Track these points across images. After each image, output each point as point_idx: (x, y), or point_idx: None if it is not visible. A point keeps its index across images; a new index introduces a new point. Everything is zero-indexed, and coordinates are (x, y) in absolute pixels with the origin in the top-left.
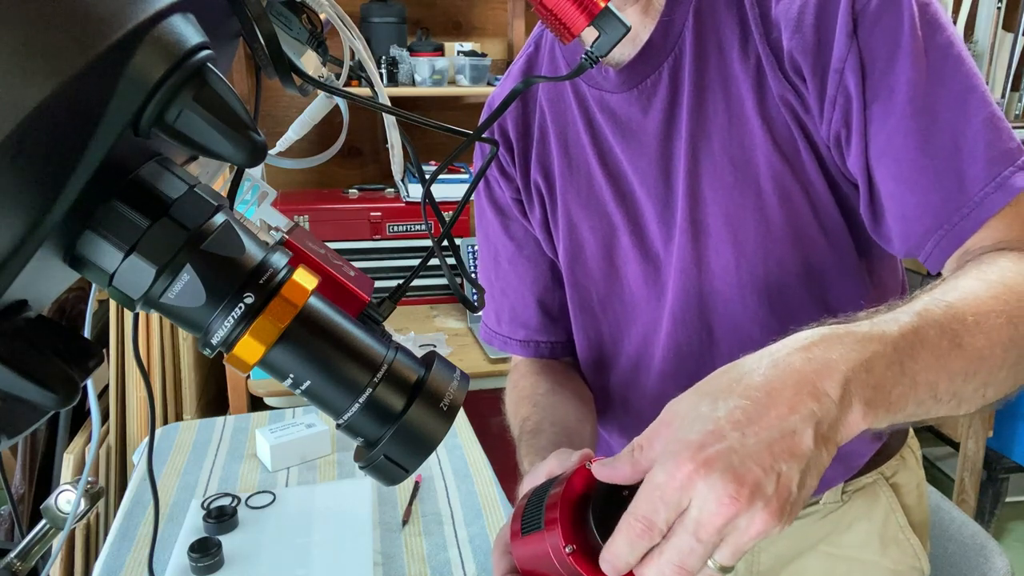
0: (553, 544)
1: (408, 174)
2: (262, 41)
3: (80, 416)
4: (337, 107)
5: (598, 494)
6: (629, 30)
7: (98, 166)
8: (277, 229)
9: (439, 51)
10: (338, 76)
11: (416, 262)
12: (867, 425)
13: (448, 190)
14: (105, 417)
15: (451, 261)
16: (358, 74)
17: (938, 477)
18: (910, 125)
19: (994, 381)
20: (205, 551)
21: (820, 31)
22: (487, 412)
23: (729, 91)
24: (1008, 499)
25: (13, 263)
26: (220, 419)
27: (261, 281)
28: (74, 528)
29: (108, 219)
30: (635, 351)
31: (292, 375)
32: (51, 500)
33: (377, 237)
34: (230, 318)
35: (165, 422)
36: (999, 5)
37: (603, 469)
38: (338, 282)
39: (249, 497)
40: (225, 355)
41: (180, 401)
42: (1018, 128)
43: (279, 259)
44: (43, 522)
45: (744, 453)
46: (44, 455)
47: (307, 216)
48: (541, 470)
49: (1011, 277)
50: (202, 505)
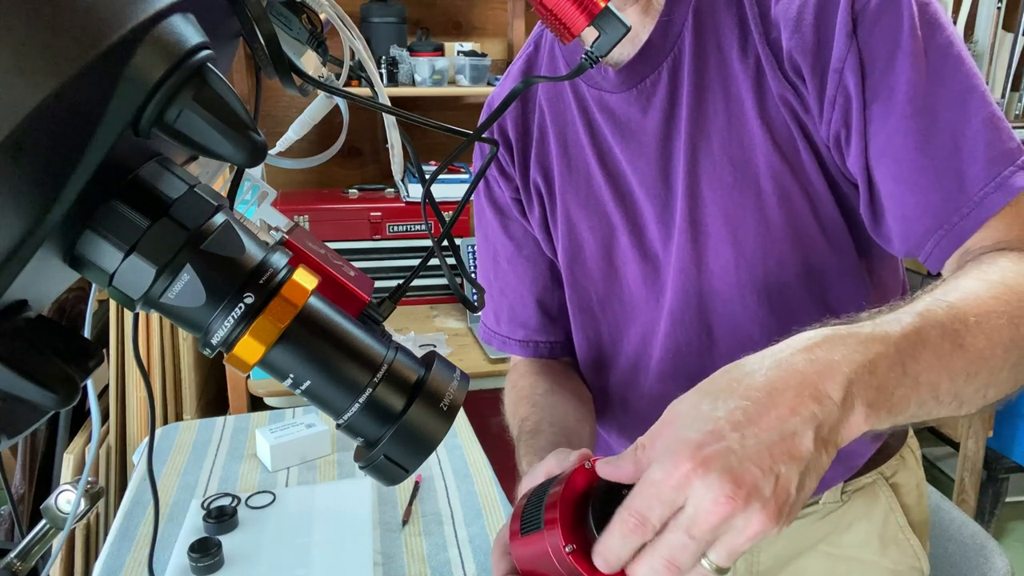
0: (553, 544)
1: (408, 174)
2: (262, 41)
3: (80, 416)
4: (337, 107)
5: (598, 493)
6: (629, 30)
7: (98, 166)
8: (277, 229)
9: (439, 51)
10: (338, 76)
11: (416, 262)
12: (869, 427)
13: (448, 190)
14: (105, 417)
15: (451, 261)
16: (358, 74)
17: (938, 477)
18: (910, 125)
19: (995, 382)
20: (205, 551)
21: (820, 31)
22: (487, 412)
23: (728, 91)
24: (1008, 499)
25: (13, 263)
26: (220, 419)
27: (261, 281)
28: (74, 528)
29: (108, 219)
30: (634, 351)
31: (292, 375)
32: (51, 500)
33: (377, 237)
34: (230, 318)
35: (165, 422)
36: (999, 5)
37: (606, 467)
38: (338, 282)
39: (249, 497)
40: (225, 355)
41: (180, 401)
42: (1018, 128)
43: (279, 259)
44: (43, 522)
45: (743, 454)
46: (44, 455)
47: (307, 216)
48: (540, 470)
49: (1012, 277)
50: (202, 505)
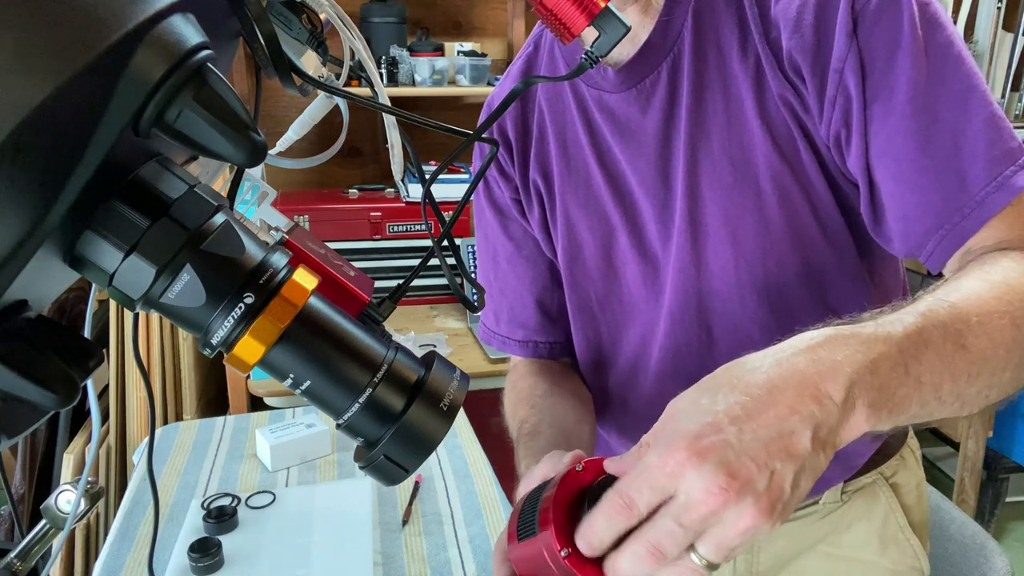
0: (548, 548)
1: (408, 174)
2: (262, 41)
3: (80, 416)
4: (337, 107)
5: (593, 495)
6: (629, 30)
7: (98, 166)
8: (277, 229)
9: (439, 51)
10: (338, 76)
11: (416, 262)
12: (870, 427)
13: (448, 190)
14: (105, 417)
15: (451, 261)
16: (358, 74)
17: (938, 477)
18: (910, 125)
19: (997, 382)
20: (205, 551)
21: (820, 31)
22: (487, 412)
23: (728, 91)
24: (1008, 499)
25: (13, 263)
26: (220, 419)
27: (261, 281)
28: (74, 528)
29: (108, 219)
30: (633, 351)
31: (292, 375)
32: (51, 500)
33: (377, 237)
34: (230, 318)
35: (165, 422)
36: (999, 5)
37: (612, 464)
38: (338, 282)
39: (249, 497)
40: (225, 355)
41: (180, 401)
42: (1019, 128)
43: (279, 259)
44: (43, 522)
45: (739, 447)
46: (44, 455)
47: (307, 216)
48: (536, 473)
49: (1014, 277)
50: (202, 505)
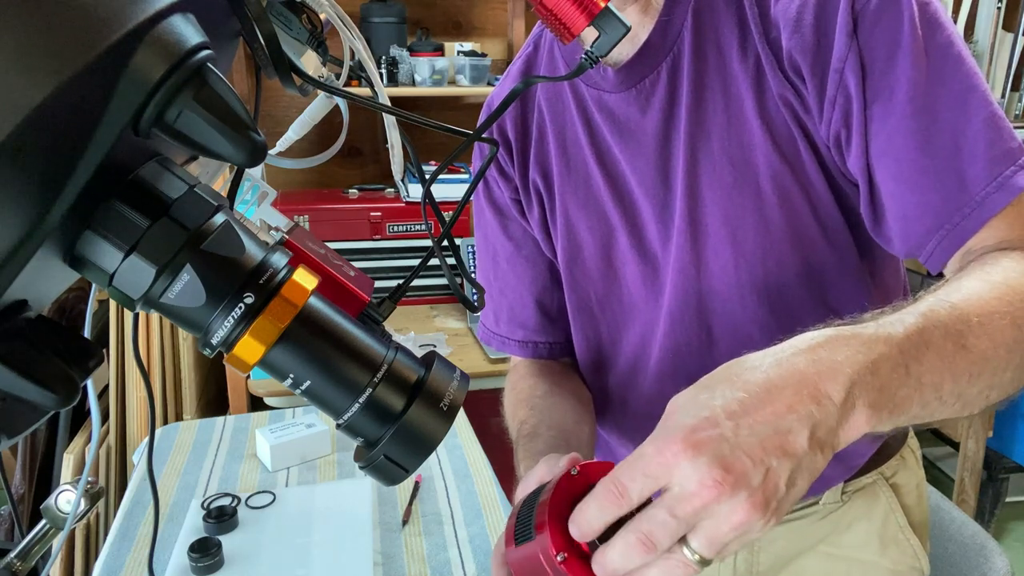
0: (544, 552)
1: (408, 174)
2: (262, 41)
3: (80, 416)
4: (337, 107)
5: None
6: (629, 30)
7: (98, 166)
8: (277, 229)
9: (439, 51)
10: (338, 76)
11: (416, 262)
12: (870, 428)
13: (448, 190)
14: (105, 417)
15: (451, 261)
16: (358, 74)
17: (938, 477)
18: (910, 125)
19: (998, 383)
20: (205, 551)
21: (820, 31)
22: (487, 412)
23: (728, 91)
24: (1008, 499)
25: (13, 263)
26: (220, 419)
27: (261, 281)
28: (74, 528)
29: (108, 219)
30: (633, 352)
31: (292, 375)
32: (51, 500)
33: (377, 237)
34: (230, 318)
35: (165, 422)
36: (999, 5)
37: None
38: (338, 282)
39: (249, 497)
40: (225, 355)
41: (180, 401)
42: (1019, 128)
43: (279, 259)
44: (43, 522)
45: (735, 442)
46: (44, 455)
47: (307, 216)
48: (532, 477)
49: (1015, 278)
50: (202, 505)
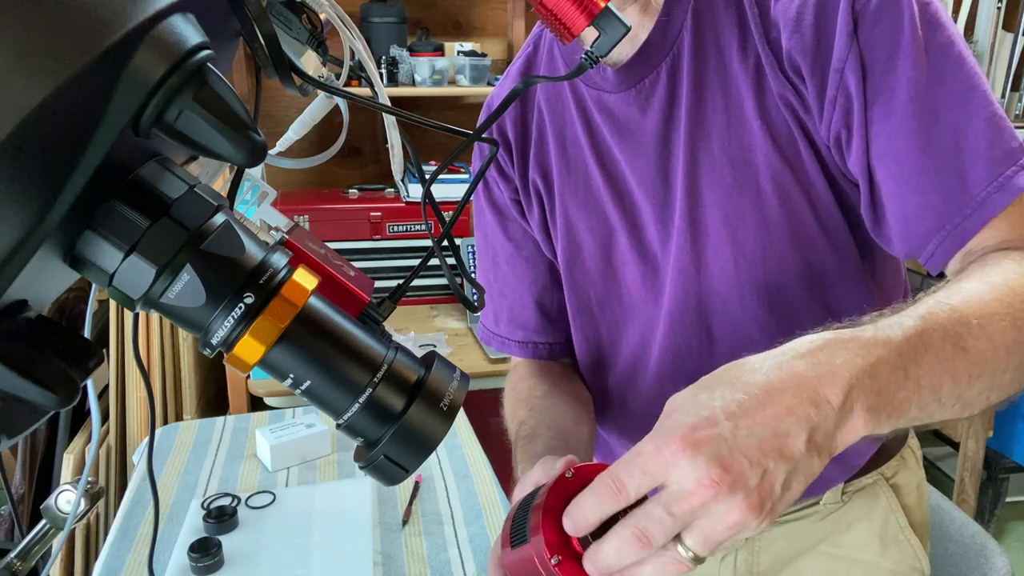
0: (539, 555)
1: (408, 174)
2: (262, 41)
3: (80, 416)
4: (337, 107)
5: None
6: (629, 30)
7: (98, 166)
8: (277, 229)
9: (439, 51)
10: (338, 76)
11: (416, 262)
12: (869, 431)
13: (448, 190)
14: (105, 417)
15: (451, 261)
16: (358, 74)
17: (938, 477)
18: (911, 125)
19: (998, 384)
20: (205, 551)
21: (820, 31)
22: (487, 412)
23: (728, 91)
24: (1008, 499)
25: (13, 263)
26: (220, 419)
27: (261, 281)
28: (74, 528)
29: (108, 219)
30: (633, 352)
31: (292, 375)
32: (51, 500)
33: (377, 237)
34: (230, 318)
35: (165, 422)
36: (999, 5)
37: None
38: (338, 282)
39: (249, 497)
40: (225, 355)
41: (180, 401)
42: (1019, 128)
43: (279, 259)
44: (43, 522)
45: (734, 443)
46: (44, 455)
47: (307, 216)
48: (529, 479)
49: (1015, 279)
50: (202, 505)
